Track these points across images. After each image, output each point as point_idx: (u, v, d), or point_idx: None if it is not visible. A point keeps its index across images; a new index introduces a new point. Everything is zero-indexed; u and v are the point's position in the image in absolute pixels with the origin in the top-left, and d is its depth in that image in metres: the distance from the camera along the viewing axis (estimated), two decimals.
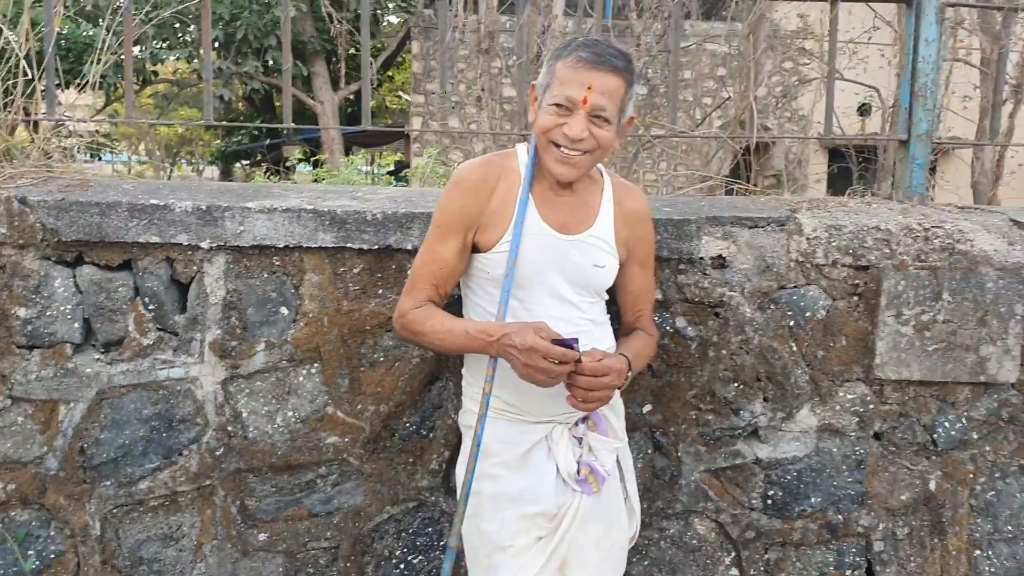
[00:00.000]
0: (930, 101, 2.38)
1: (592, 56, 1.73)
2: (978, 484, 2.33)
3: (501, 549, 1.80)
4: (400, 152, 18.69)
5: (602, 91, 1.72)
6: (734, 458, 2.29)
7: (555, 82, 1.76)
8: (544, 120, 1.76)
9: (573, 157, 1.76)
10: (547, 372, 1.69)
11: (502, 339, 1.73)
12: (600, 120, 1.74)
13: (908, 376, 2.25)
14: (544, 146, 1.78)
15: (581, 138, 1.73)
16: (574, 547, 1.81)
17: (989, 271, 2.23)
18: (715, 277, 2.23)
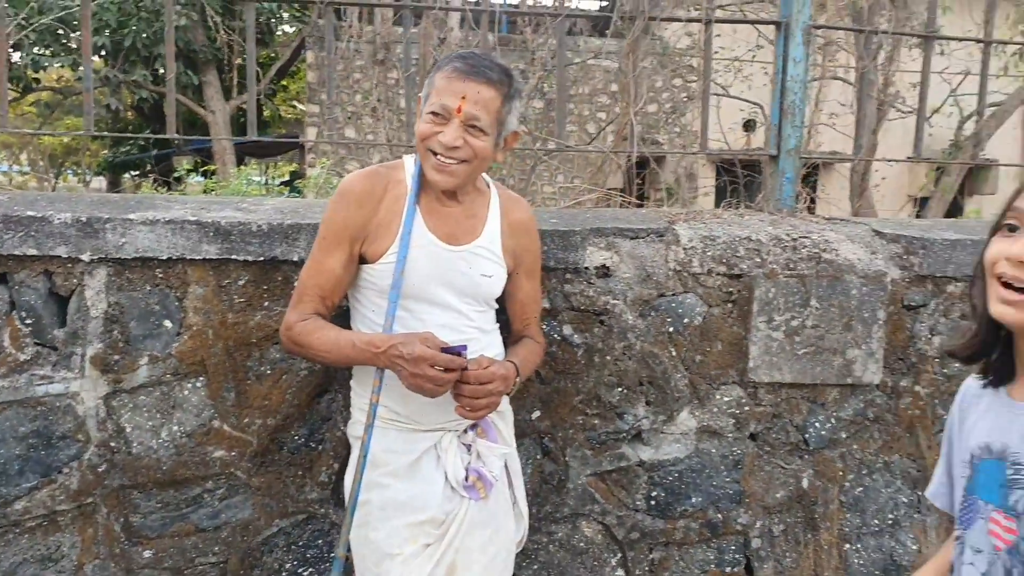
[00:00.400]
0: (798, 118, 2.52)
1: (467, 67, 1.78)
2: (847, 481, 2.46)
3: (389, 557, 1.82)
4: (295, 163, 18.41)
5: (475, 101, 1.77)
6: (619, 461, 2.37)
7: (433, 92, 1.80)
8: (421, 128, 1.80)
9: (449, 165, 1.79)
10: (434, 381, 1.72)
11: (389, 350, 1.75)
12: (475, 130, 1.78)
13: (780, 379, 2.37)
14: (423, 154, 1.82)
15: (455, 146, 1.77)
16: (462, 552, 1.85)
17: (853, 279, 2.37)
18: (599, 286, 2.31)
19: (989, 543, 1.25)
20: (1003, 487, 1.24)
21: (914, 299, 2.43)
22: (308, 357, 1.93)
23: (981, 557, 1.26)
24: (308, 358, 1.96)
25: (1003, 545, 1.23)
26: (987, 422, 1.30)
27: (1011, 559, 1.21)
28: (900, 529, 2.50)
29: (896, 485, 2.49)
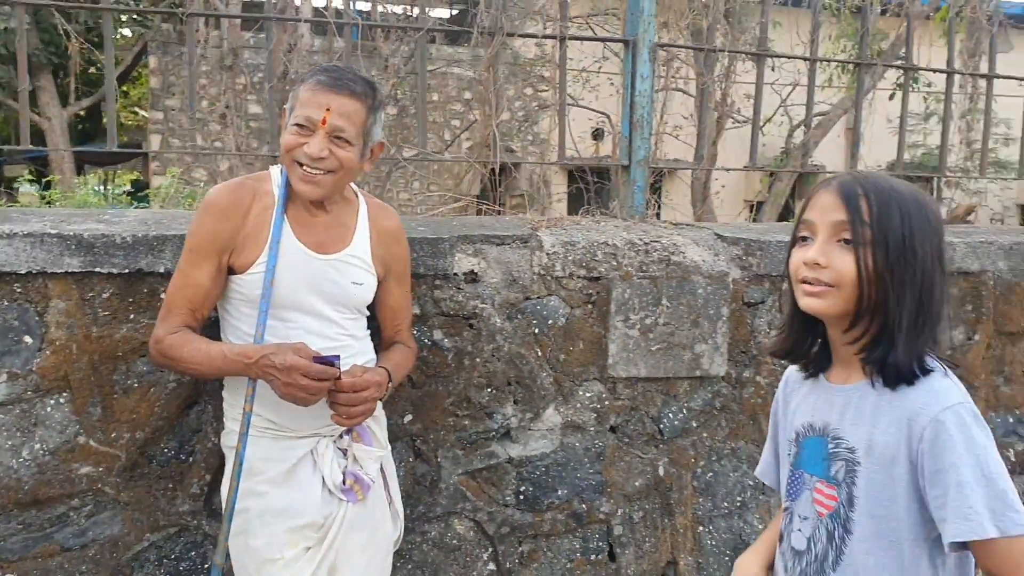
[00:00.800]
0: (646, 131, 2.70)
1: (331, 80, 1.84)
2: (698, 467, 2.65)
3: (271, 562, 1.84)
4: (138, 171, 17.64)
5: (340, 113, 1.83)
6: (489, 459, 2.46)
7: (298, 104, 1.85)
8: (287, 140, 1.85)
9: (316, 176, 1.85)
10: (307, 389, 1.77)
11: (261, 360, 1.78)
12: (341, 141, 1.84)
13: (636, 374, 2.53)
14: (289, 165, 1.87)
15: (321, 157, 1.82)
16: (342, 554, 1.89)
17: (699, 279, 2.56)
18: (468, 291, 2.40)
19: (814, 510, 1.42)
20: (825, 460, 1.41)
21: (753, 296, 2.65)
22: (179, 370, 1.93)
23: (807, 523, 1.43)
24: (179, 371, 1.96)
25: (825, 511, 1.40)
26: (809, 404, 1.47)
27: (832, 522, 1.39)
28: (747, 510, 2.71)
29: (743, 469, 2.70)
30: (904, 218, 1.30)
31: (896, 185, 1.34)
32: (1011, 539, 1.23)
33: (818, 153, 10.84)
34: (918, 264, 1.30)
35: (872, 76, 8.95)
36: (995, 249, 2.98)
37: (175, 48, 13.19)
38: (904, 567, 1.32)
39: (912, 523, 1.31)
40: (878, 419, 1.33)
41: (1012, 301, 3.01)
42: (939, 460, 1.26)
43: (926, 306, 1.31)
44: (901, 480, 1.31)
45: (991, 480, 1.24)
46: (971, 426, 1.27)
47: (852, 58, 11.51)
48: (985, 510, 1.23)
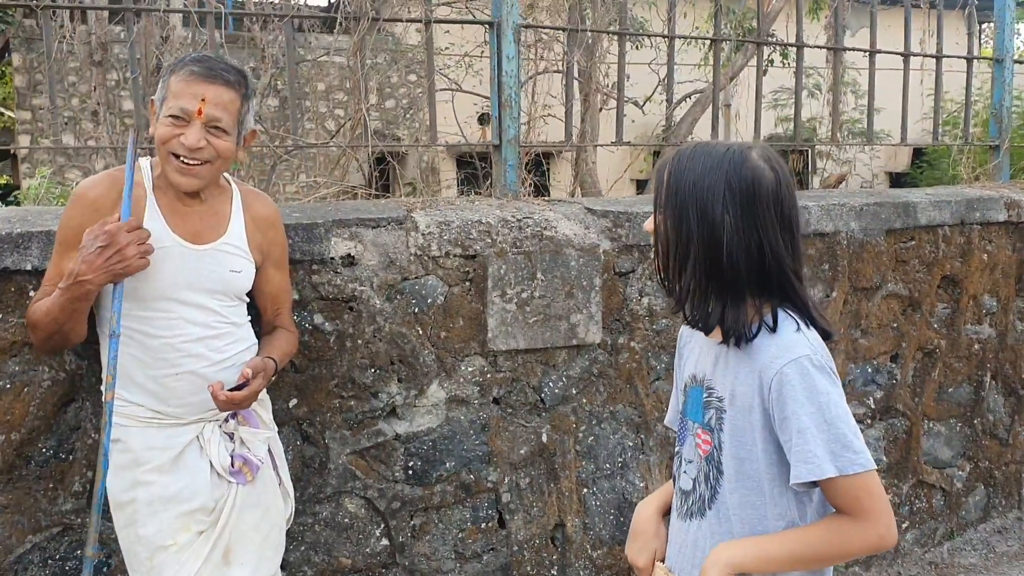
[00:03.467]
0: (515, 110, 2.78)
1: (204, 70, 1.85)
2: (580, 432, 2.77)
3: (163, 549, 1.86)
4: (7, 175, 16.80)
5: (216, 103, 1.85)
6: (376, 437, 2.52)
7: (170, 95, 1.85)
8: (162, 132, 1.85)
9: (193, 167, 1.86)
10: (122, 251, 1.76)
11: (76, 266, 1.76)
12: (217, 131, 1.86)
13: (516, 346, 2.62)
14: (165, 157, 1.87)
15: (199, 147, 1.84)
16: (236, 534, 1.92)
17: (572, 252, 2.67)
18: (346, 274, 2.44)
19: (696, 454, 1.54)
20: (702, 408, 1.53)
21: (623, 266, 2.77)
22: (48, 336, 1.88)
23: (692, 466, 1.56)
24: (49, 338, 1.89)
25: (703, 454, 1.52)
26: (694, 356, 1.59)
27: (708, 464, 1.51)
28: (628, 470, 2.85)
29: (622, 431, 2.83)
30: (693, 187, 1.41)
31: (702, 155, 1.43)
32: (848, 477, 1.35)
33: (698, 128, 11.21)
34: (702, 228, 1.40)
35: (744, 54, 9.29)
36: (847, 211, 3.19)
37: (40, 45, 12.63)
38: (765, 501, 1.45)
39: (769, 464, 1.43)
40: (739, 371, 1.45)
41: (864, 259, 3.24)
42: (784, 409, 1.38)
43: (717, 267, 1.40)
44: (757, 425, 1.43)
45: (831, 424, 1.36)
46: (814, 376, 1.38)
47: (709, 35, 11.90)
48: (825, 453, 1.35)
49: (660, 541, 1.61)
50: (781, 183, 1.42)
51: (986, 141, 4.08)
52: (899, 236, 3.32)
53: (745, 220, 1.39)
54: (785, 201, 1.42)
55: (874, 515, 1.37)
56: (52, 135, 11.06)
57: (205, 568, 1.89)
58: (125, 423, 1.93)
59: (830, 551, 1.41)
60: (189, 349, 1.92)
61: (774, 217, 1.40)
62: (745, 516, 1.47)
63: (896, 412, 3.40)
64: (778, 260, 1.41)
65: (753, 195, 1.40)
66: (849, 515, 1.39)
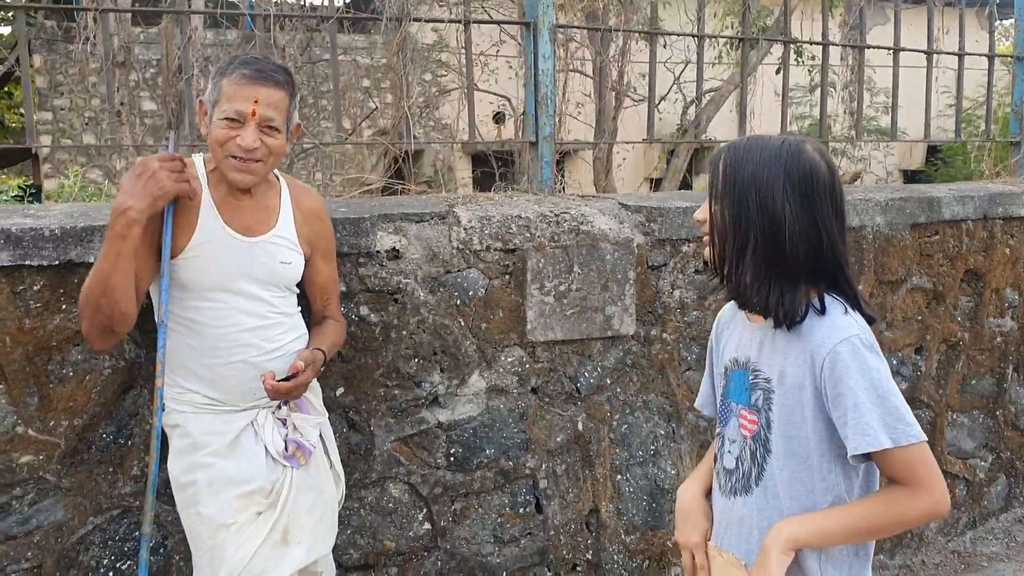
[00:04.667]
0: (551, 108, 2.86)
1: (255, 72, 1.94)
2: (614, 421, 2.85)
3: (224, 527, 1.95)
4: (26, 175, 16.98)
5: (268, 103, 1.94)
6: (419, 425, 2.60)
7: (223, 98, 1.94)
8: (218, 134, 1.94)
9: (250, 165, 1.96)
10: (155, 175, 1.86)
11: (116, 204, 1.85)
12: (270, 130, 1.96)
13: (553, 337, 2.70)
14: (221, 157, 1.96)
15: (255, 147, 1.93)
16: (293, 517, 2.01)
17: (607, 246, 2.75)
18: (391, 267, 2.52)
19: (740, 434, 1.62)
20: (747, 390, 1.61)
21: (656, 260, 2.85)
22: (92, 303, 1.90)
23: (735, 445, 1.63)
24: (93, 305, 1.91)
25: (749, 434, 1.60)
26: (735, 341, 1.67)
27: (755, 443, 1.59)
28: (660, 458, 2.93)
29: (654, 420, 2.90)
30: (752, 178, 1.48)
31: (760, 147, 1.50)
32: (904, 448, 1.43)
33: (712, 128, 11.26)
34: (763, 217, 1.47)
35: (758, 52, 9.33)
36: (872, 206, 3.26)
37: (61, 46, 12.77)
38: (813, 477, 1.52)
39: (819, 440, 1.51)
40: (788, 352, 1.53)
41: (890, 253, 3.30)
42: (838, 386, 1.45)
43: (778, 254, 1.48)
44: (808, 404, 1.50)
45: (884, 399, 1.44)
46: (864, 354, 1.46)
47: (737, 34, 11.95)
48: (880, 425, 1.42)
49: (708, 519, 1.69)
50: (834, 175, 1.50)
51: (1007, 138, 4.15)
52: (923, 230, 3.39)
53: (804, 209, 1.47)
54: (838, 192, 1.50)
55: (928, 484, 1.44)
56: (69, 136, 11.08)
57: (264, 547, 1.98)
58: (183, 409, 2.03)
59: (888, 521, 1.47)
60: (242, 339, 2.01)
61: (830, 207, 1.48)
62: (794, 492, 1.54)
63: (921, 403, 3.47)
64: (833, 247, 1.48)
65: (811, 185, 1.47)
66: (904, 485, 1.45)
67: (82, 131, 12.80)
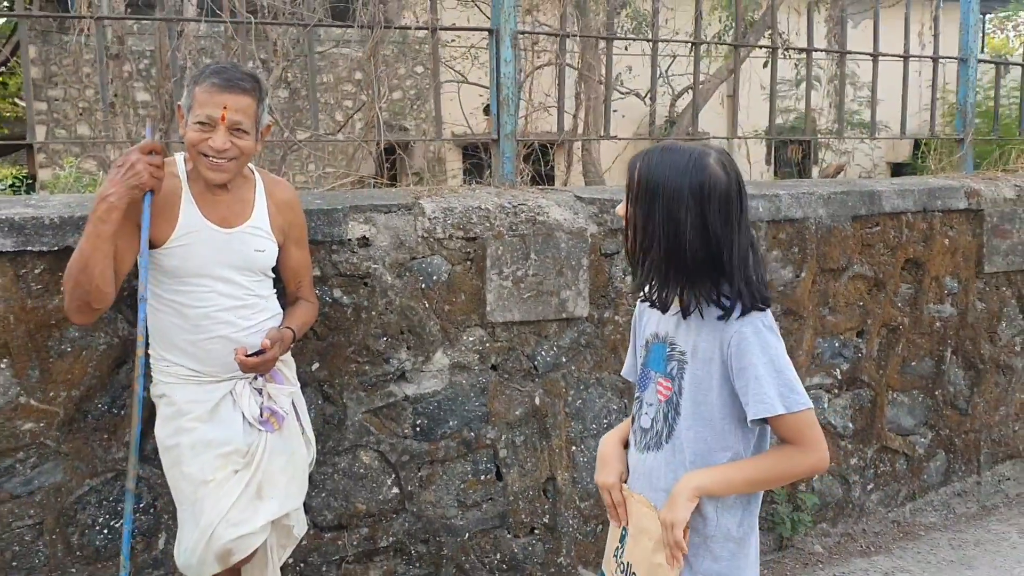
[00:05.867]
0: (512, 108, 3.09)
1: (223, 81, 2.18)
2: (569, 396, 3.09)
3: (204, 484, 2.20)
4: (20, 164, 17.16)
5: (236, 109, 2.19)
6: (388, 398, 2.85)
7: (196, 104, 2.19)
8: (192, 136, 2.19)
9: (222, 164, 2.21)
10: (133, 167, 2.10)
11: (102, 191, 2.09)
12: (239, 132, 2.21)
13: (511, 318, 2.94)
14: (196, 157, 2.21)
15: (225, 148, 2.19)
16: (266, 475, 2.27)
17: (562, 235, 2.99)
18: (362, 254, 2.76)
19: (656, 398, 1.86)
20: (664, 360, 1.84)
21: (608, 248, 3.09)
22: (72, 280, 2.12)
23: (652, 408, 1.87)
24: (73, 282, 2.13)
25: (663, 399, 1.84)
26: (655, 318, 1.90)
27: (667, 406, 1.82)
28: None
29: (607, 396, 3.15)
30: (661, 189, 1.70)
31: (669, 160, 1.72)
32: (795, 413, 1.68)
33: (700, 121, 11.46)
34: (667, 225, 1.69)
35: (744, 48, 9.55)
36: (815, 199, 3.50)
37: (55, 37, 12.96)
38: (715, 437, 1.77)
39: (722, 406, 1.75)
40: (701, 331, 1.77)
41: (831, 242, 3.55)
42: (742, 360, 1.71)
43: (678, 258, 1.71)
44: (715, 375, 1.75)
45: (780, 372, 1.69)
46: (765, 334, 1.71)
47: (727, 29, 12.16)
48: (776, 395, 1.68)
49: (623, 465, 1.94)
50: (731, 185, 1.72)
51: (952, 135, 4.39)
52: (865, 222, 3.63)
53: (701, 219, 1.69)
54: (734, 200, 1.72)
55: (813, 443, 1.71)
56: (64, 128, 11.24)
57: (241, 501, 2.22)
58: (169, 380, 2.28)
59: (780, 474, 1.75)
60: (221, 317, 2.26)
61: (727, 215, 1.71)
62: (697, 449, 1.78)
63: (862, 383, 3.72)
64: (729, 249, 1.71)
65: (709, 197, 1.69)
66: (793, 444, 1.71)
67: (76, 121, 13.00)
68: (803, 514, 3.54)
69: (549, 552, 3.09)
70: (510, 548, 3.03)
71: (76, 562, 2.52)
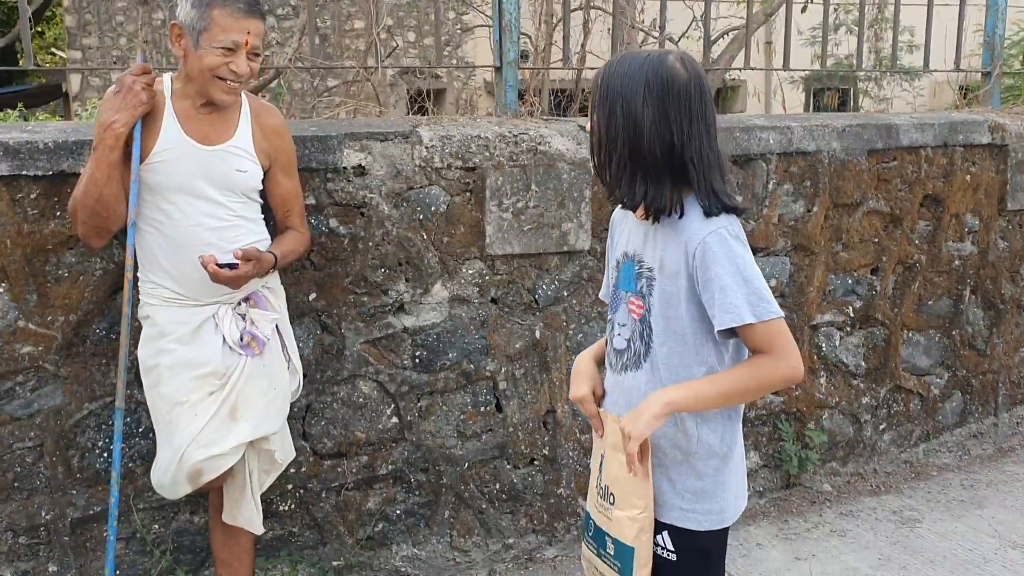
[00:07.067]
0: (515, 34, 3.03)
1: (246, 6, 2.20)
2: (570, 330, 3.07)
3: (179, 404, 2.23)
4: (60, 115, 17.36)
5: (256, 34, 2.22)
6: (387, 329, 2.85)
7: (216, 28, 2.17)
8: (213, 60, 2.19)
9: (236, 87, 2.23)
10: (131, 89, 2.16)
11: (102, 118, 2.14)
12: (255, 56, 2.24)
13: (511, 251, 2.91)
14: (210, 80, 2.21)
15: (246, 73, 2.21)
16: (243, 396, 2.29)
17: (564, 165, 2.94)
18: (357, 183, 2.75)
19: (630, 318, 1.82)
20: (634, 279, 1.81)
21: None
22: (87, 207, 2.20)
23: (625, 328, 1.84)
24: (88, 210, 2.21)
25: (637, 317, 1.81)
26: (624, 237, 1.87)
27: (641, 324, 1.79)
28: None
29: None
30: (620, 88, 1.66)
31: (627, 61, 1.69)
32: (765, 322, 1.63)
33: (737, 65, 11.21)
34: (626, 121, 1.65)
35: None
36: (829, 131, 3.41)
37: None
38: (689, 352, 1.73)
39: (691, 319, 1.71)
40: (667, 244, 1.73)
41: (845, 177, 3.46)
42: (707, 271, 1.66)
43: (638, 153, 1.67)
44: (683, 288, 1.71)
45: (748, 281, 1.64)
46: (731, 243, 1.66)
47: None
48: (744, 304, 1.63)
49: (597, 380, 1.91)
50: (691, 81, 1.67)
51: (978, 68, 4.24)
52: (881, 156, 3.53)
53: (660, 113, 1.65)
54: (695, 97, 1.68)
55: (785, 352, 1.66)
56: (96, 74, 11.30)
57: (213, 422, 2.25)
58: (154, 302, 2.30)
59: (753, 385, 1.70)
60: (203, 237, 2.26)
61: (686, 110, 1.66)
62: (671, 364, 1.75)
63: (875, 321, 3.65)
64: (688, 148, 1.67)
65: (667, 91, 1.65)
66: (765, 354, 1.66)
67: (110, 70, 13.08)
68: (811, 452, 3.51)
69: (549, 483, 3.10)
70: (509, 478, 3.04)
71: (76, 484, 2.57)
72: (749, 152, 3.25)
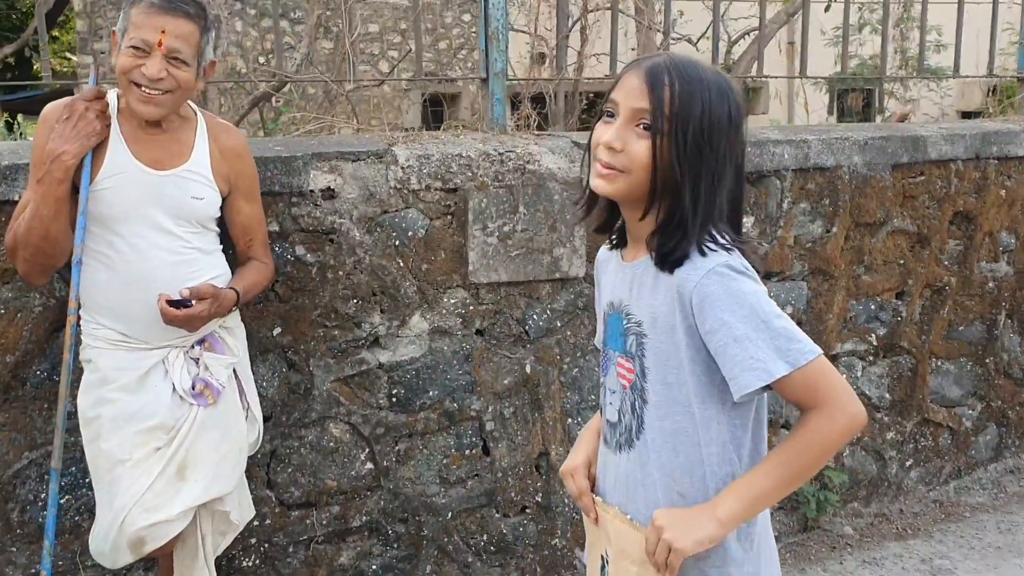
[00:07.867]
0: (502, 43, 2.78)
1: (163, 2, 1.92)
2: (564, 364, 2.81)
3: (121, 463, 1.98)
4: None
5: (176, 35, 1.92)
6: (360, 365, 2.60)
7: (131, 26, 1.92)
8: (124, 62, 1.92)
9: (154, 96, 1.94)
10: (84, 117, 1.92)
11: (49, 147, 1.92)
12: (177, 62, 1.94)
13: (498, 279, 2.66)
14: (126, 86, 1.95)
15: (160, 77, 1.92)
16: (192, 452, 2.03)
17: (555, 185, 2.68)
18: (326, 207, 2.50)
19: (619, 384, 1.50)
20: (622, 335, 1.48)
21: None
22: (32, 243, 1.97)
23: (616, 396, 1.52)
24: (34, 246, 1.98)
25: (627, 383, 1.48)
26: (610, 282, 1.55)
27: (632, 393, 1.47)
28: None
29: None
30: (704, 111, 1.35)
31: (703, 75, 1.37)
32: (802, 368, 1.30)
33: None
34: (712, 158, 1.36)
35: None
36: (849, 145, 3.12)
37: None
38: (696, 427, 1.40)
39: (698, 385, 1.39)
40: (657, 291, 1.40)
41: (868, 194, 3.17)
42: (709, 322, 1.33)
43: (713, 198, 1.37)
44: (682, 346, 1.38)
45: (767, 323, 1.31)
46: (735, 279, 1.33)
47: None
48: (771, 352, 1.30)
49: (588, 453, 1.60)
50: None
51: (1012, 72, 3.93)
52: (907, 171, 3.24)
53: (734, 151, 1.39)
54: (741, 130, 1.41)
55: (837, 398, 1.33)
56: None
57: (158, 482, 2.00)
58: (97, 345, 2.05)
59: (812, 454, 1.35)
60: (155, 274, 2.01)
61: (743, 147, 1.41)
62: (679, 444, 1.43)
63: (901, 349, 3.36)
64: (730, 192, 1.40)
65: (740, 126, 1.39)
66: (812, 408, 1.34)
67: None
68: (830, 493, 3.22)
69: (542, 533, 2.84)
70: (498, 528, 2.78)
71: (16, 540, 2.34)
72: (762, 168, 2.98)
